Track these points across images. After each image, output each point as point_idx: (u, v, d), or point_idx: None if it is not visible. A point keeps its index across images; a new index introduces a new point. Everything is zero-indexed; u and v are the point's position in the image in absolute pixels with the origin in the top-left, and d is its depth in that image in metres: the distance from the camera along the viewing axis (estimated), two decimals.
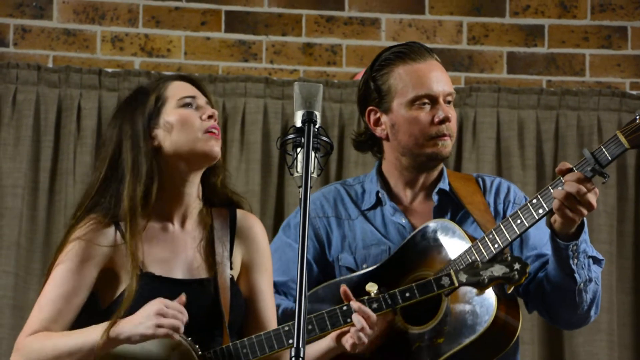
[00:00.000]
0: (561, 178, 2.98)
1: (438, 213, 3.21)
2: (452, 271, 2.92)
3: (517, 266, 2.90)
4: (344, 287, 2.94)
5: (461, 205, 3.20)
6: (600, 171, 2.95)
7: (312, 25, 5.13)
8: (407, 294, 2.91)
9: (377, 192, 3.25)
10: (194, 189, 2.97)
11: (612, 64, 5.16)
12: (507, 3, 5.19)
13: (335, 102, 5.02)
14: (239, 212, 3.02)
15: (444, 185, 3.24)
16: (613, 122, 5.04)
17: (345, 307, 2.90)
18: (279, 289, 3.19)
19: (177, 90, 2.98)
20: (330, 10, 5.15)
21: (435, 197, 3.23)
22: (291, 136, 2.61)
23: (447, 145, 3.20)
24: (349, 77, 5.09)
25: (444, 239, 3.09)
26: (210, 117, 2.93)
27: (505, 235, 3.02)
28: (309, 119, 2.60)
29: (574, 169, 2.97)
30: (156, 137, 2.93)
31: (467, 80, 5.13)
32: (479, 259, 3.00)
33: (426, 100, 3.20)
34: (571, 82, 5.14)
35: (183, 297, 2.78)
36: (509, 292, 2.96)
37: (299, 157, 2.58)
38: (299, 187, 2.55)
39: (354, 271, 3.18)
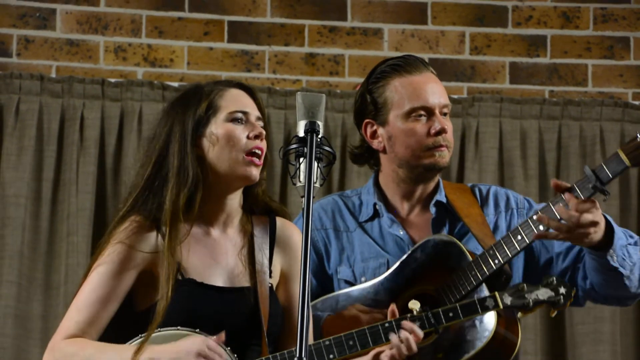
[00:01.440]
0: (562, 195, 2.97)
1: (435, 225, 3.21)
2: (497, 293, 2.90)
3: (562, 290, 2.90)
4: (392, 307, 2.93)
5: (459, 218, 3.20)
6: (602, 189, 2.94)
7: (315, 36, 5.14)
8: (451, 314, 2.89)
9: (375, 204, 3.25)
10: (236, 199, 2.94)
11: (614, 75, 5.16)
12: (509, 13, 5.19)
13: (338, 112, 5.02)
14: (278, 220, 3.00)
15: (440, 197, 3.24)
16: (615, 132, 5.04)
17: (387, 324, 2.88)
18: None
19: (231, 101, 2.93)
20: (332, 21, 5.15)
21: (432, 209, 3.23)
22: (294, 146, 2.61)
23: (444, 156, 3.20)
24: (351, 87, 5.10)
25: (444, 255, 3.09)
26: (257, 136, 2.89)
27: (505, 251, 3.01)
28: (311, 128, 2.60)
29: (575, 186, 2.97)
30: (201, 145, 2.88)
31: (470, 91, 5.13)
32: (478, 274, 3.00)
33: (422, 112, 3.20)
34: (574, 93, 5.15)
35: (222, 335, 2.74)
36: (552, 315, 2.96)
37: (302, 166, 2.58)
38: (302, 196, 2.55)
39: (352, 284, 3.17)
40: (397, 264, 3.13)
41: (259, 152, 2.89)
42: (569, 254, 3.17)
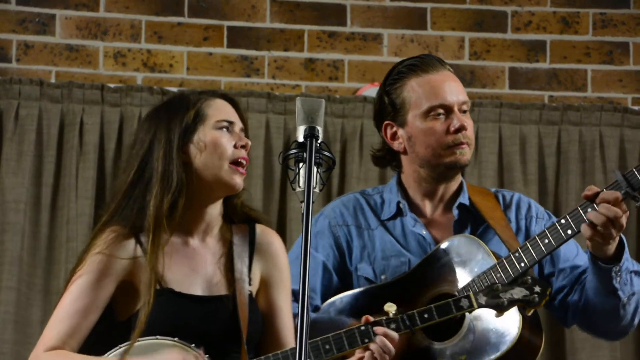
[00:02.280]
0: (594, 203, 2.94)
1: (458, 227, 3.20)
2: (471, 293, 2.90)
3: (537, 289, 2.88)
4: (366, 316, 2.92)
5: (482, 219, 3.19)
6: (633, 194, 2.91)
7: (314, 41, 5.14)
8: (426, 315, 2.90)
9: (398, 203, 3.24)
10: (217, 207, 2.96)
11: (613, 80, 5.16)
12: (508, 18, 5.20)
13: (338, 117, 5.02)
14: (258, 227, 3.01)
15: (464, 199, 3.23)
16: (615, 137, 5.04)
17: (363, 328, 2.88)
18: (297, 297, 3.17)
19: (218, 110, 2.96)
20: (332, 26, 5.15)
21: (455, 212, 3.22)
22: (293, 151, 2.61)
23: (465, 153, 3.19)
24: (351, 93, 5.10)
25: (467, 256, 3.08)
26: (243, 146, 2.92)
27: (532, 254, 2.99)
28: (311, 134, 2.60)
29: (605, 190, 2.95)
30: (188, 152, 2.91)
31: (469, 96, 5.05)
32: (504, 277, 2.99)
33: (441, 111, 3.20)
34: (573, 98, 5.15)
35: (202, 352, 2.76)
36: (528, 314, 2.94)
37: (301, 172, 2.58)
38: (301, 202, 2.55)
39: (372, 282, 3.17)
40: (419, 262, 3.13)
41: (244, 162, 2.93)
42: (571, 273, 3.16)
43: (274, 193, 4.95)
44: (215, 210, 2.95)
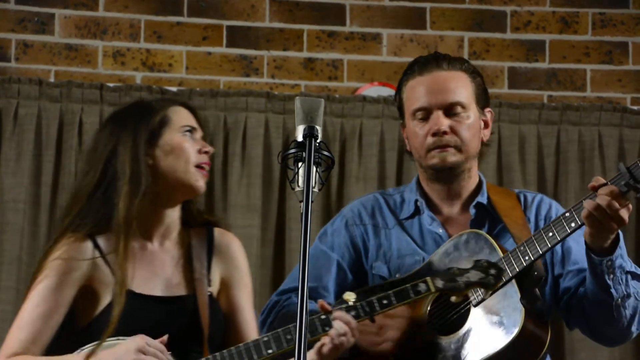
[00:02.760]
0: (595, 193, 2.96)
1: (474, 225, 3.20)
2: (428, 278, 2.92)
3: (492, 271, 2.92)
4: (320, 302, 2.94)
5: (499, 219, 3.19)
6: (635, 186, 2.91)
7: (314, 40, 5.14)
8: (385, 301, 2.91)
9: (416, 201, 3.26)
10: (176, 211, 3.02)
11: (613, 80, 5.16)
12: (508, 18, 5.20)
13: (337, 117, 5.02)
14: (216, 230, 3.07)
15: (482, 198, 3.24)
16: (614, 137, 5.04)
17: (323, 316, 2.89)
18: (310, 294, 3.17)
19: (182, 116, 3.02)
20: (331, 25, 5.15)
21: (472, 211, 3.22)
22: (292, 151, 2.61)
23: (447, 156, 3.18)
24: (350, 92, 5.10)
25: (475, 250, 3.09)
26: (206, 152, 2.99)
27: (536, 247, 3.00)
28: (310, 133, 2.61)
29: (609, 183, 2.95)
30: (153, 155, 2.96)
31: None
32: (509, 271, 3.00)
33: (422, 113, 3.21)
34: (572, 97, 5.15)
35: (165, 338, 2.78)
36: (487, 297, 2.95)
37: (300, 171, 2.59)
38: (300, 201, 2.55)
39: (386, 280, 3.19)
40: (428, 260, 3.14)
41: (207, 167, 3.00)
42: (577, 275, 3.16)
43: (273, 192, 4.95)
44: (174, 214, 3.01)
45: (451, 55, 3.31)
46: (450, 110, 3.20)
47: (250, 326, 3.01)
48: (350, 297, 2.92)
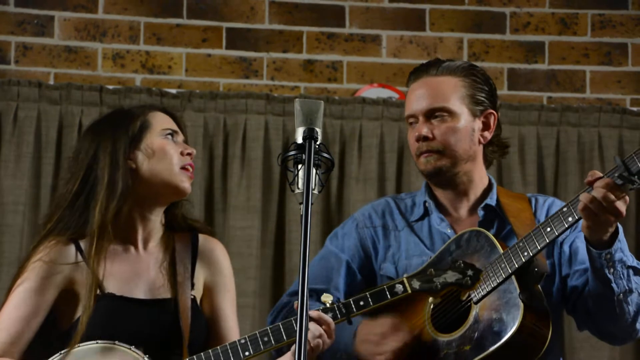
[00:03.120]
0: (590, 188, 2.97)
1: (482, 227, 3.21)
2: (404, 278, 2.92)
3: (469, 272, 2.92)
4: (295, 303, 2.94)
5: (508, 222, 3.20)
6: (630, 179, 2.92)
7: (313, 42, 5.14)
8: (361, 302, 2.91)
9: (425, 202, 3.28)
10: (158, 216, 3.02)
11: (612, 81, 5.17)
12: (507, 20, 5.20)
13: (336, 119, 5.02)
14: (201, 236, 3.08)
15: (491, 200, 3.25)
16: (614, 138, 5.04)
17: None
18: (314, 296, 3.20)
19: (162, 120, 3.04)
20: (331, 27, 5.16)
21: (480, 212, 3.24)
22: (292, 153, 2.61)
23: (430, 161, 3.22)
24: (349, 94, 5.10)
25: (475, 248, 3.10)
26: (189, 154, 3.01)
27: (535, 243, 3.01)
28: (309, 135, 2.61)
29: (605, 176, 2.96)
30: (135, 159, 2.97)
31: None
32: (508, 267, 3.00)
33: (411, 120, 3.27)
34: (572, 99, 5.15)
35: (142, 352, 2.80)
36: (463, 298, 2.96)
37: (300, 173, 2.59)
38: (300, 203, 2.56)
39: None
40: (433, 256, 3.15)
41: (190, 168, 3.01)
42: (584, 274, 3.16)
43: (272, 194, 4.95)
44: (157, 218, 3.02)
45: (452, 60, 3.32)
46: (432, 115, 3.23)
47: (232, 332, 3.01)
48: (327, 298, 2.92)
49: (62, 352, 2.82)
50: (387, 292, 2.92)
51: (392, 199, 3.37)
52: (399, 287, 2.91)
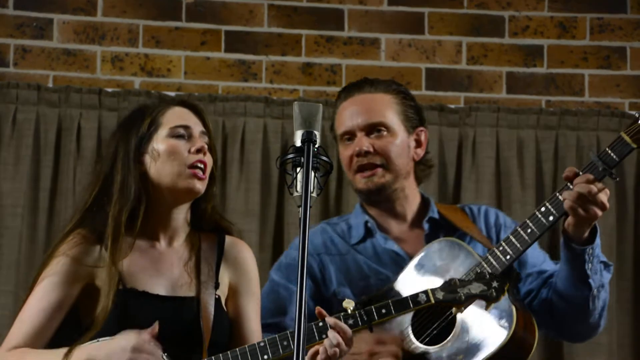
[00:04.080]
0: (568, 184, 2.99)
1: (429, 240, 3.21)
2: (429, 289, 2.90)
3: (495, 284, 2.88)
4: (318, 308, 2.93)
5: (456, 228, 3.20)
6: (610, 172, 2.96)
7: (312, 45, 5.14)
8: (384, 310, 2.90)
9: (366, 222, 3.26)
10: (181, 214, 3.01)
11: (611, 85, 5.17)
12: (506, 23, 5.20)
13: None
14: (228, 237, 3.06)
15: (433, 214, 3.26)
16: None
17: (321, 324, 2.88)
18: (272, 330, 3.17)
19: (173, 117, 3.01)
20: (330, 30, 5.16)
21: (425, 225, 3.24)
22: (291, 156, 2.61)
23: (373, 180, 3.22)
24: None
25: (449, 258, 3.09)
26: (199, 150, 2.96)
27: (516, 245, 3.01)
28: (308, 138, 2.61)
29: (581, 173, 2.98)
30: (144, 162, 2.96)
31: (467, 100, 5.14)
32: (490, 272, 3.00)
33: (348, 136, 3.27)
34: (570, 102, 5.15)
35: (156, 327, 2.80)
36: (488, 310, 2.95)
37: (299, 176, 2.59)
38: (299, 206, 2.56)
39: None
40: (400, 275, 3.13)
41: (202, 165, 2.96)
42: (538, 277, 3.18)
43: (271, 197, 4.95)
44: (180, 216, 3.00)
45: (380, 79, 3.34)
46: (372, 130, 3.24)
47: (254, 335, 2.99)
48: (349, 304, 2.90)
49: (82, 345, 2.81)
50: (410, 302, 2.90)
51: (327, 224, 3.36)
52: (422, 297, 2.89)
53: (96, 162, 3.07)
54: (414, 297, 2.90)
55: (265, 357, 2.85)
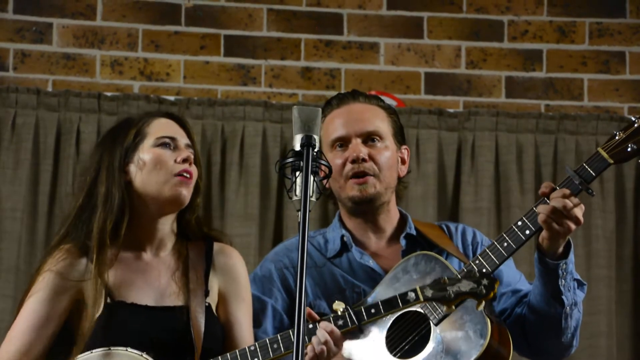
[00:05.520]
0: (545, 199, 2.99)
1: (406, 255, 3.20)
2: (417, 287, 2.89)
3: (485, 282, 2.86)
4: (309, 310, 2.92)
5: (433, 244, 3.20)
6: (586, 187, 2.98)
7: (311, 50, 5.15)
8: (373, 310, 2.89)
9: (342, 236, 3.25)
10: (167, 225, 3.00)
11: (610, 89, 5.17)
12: (505, 28, 5.20)
13: None
14: (216, 244, 3.05)
15: (410, 230, 3.25)
16: None
17: (311, 326, 2.88)
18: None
19: (159, 128, 3.00)
20: (329, 35, 5.16)
21: (403, 242, 3.23)
22: (290, 160, 2.61)
23: (367, 187, 3.19)
24: None
25: (426, 270, 3.08)
26: (185, 160, 2.95)
27: (492, 259, 3.01)
28: (307, 142, 2.61)
29: (559, 188, 2.99)
30: (129, 171, 2.95)
31: (466, 104, 5.14)
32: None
33: (341, 142, 3.23)
34: (569, 107, 5.15)
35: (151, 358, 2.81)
36: (479, 309, 2.92)
37: (298, 180, 2.59)
38: (298, 210, 2.55)
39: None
40: (377, 286, 3.12)
41: (187, 175, 2.95)
42: (512, 296, 3.18)
43: (270, 201, 4.95)
44: (166, 226, 2.99)
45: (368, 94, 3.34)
46: (368, 139, 3.23)
47: (246, 341, 2.98)
48: (339, 306, 2.90)
49: None
50: (399, 300, 2.89)
51: None
52: (412, 295, 2.88)
53: (82, 173, 3.04)
54: (403, 295, 2.89)
55: (257, 359, 2.85)
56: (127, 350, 2.81)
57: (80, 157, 4.90)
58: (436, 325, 3.00)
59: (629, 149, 3.00)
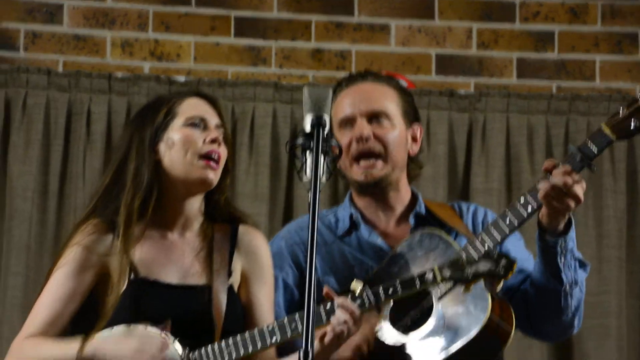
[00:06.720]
0: (549, 174, 2.99)
1: None
2: (435, 267, 2.89)
3: (503, 262, 2.86)
4: (326, 288, 2.93)
5: (443, 224, 3.20)
6: (589, 163, 2.97)
7: (322, 31, 5.14)
8: (390, 290, 2.89)
9: (351, 215, 3.25)
10: (195, 205, 3.01)
11: (622, 70, 5.15)
12: (517, 9, 5.19)
13: None
14: (241, 227, 3.06)
15: (420, 209, 3.25)
16: None
17: (328, 306, 2.88)
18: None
19: (189, 108, 3.01)
20: (339, 16, 5.15)
21: (412, 220, 3.23)
22: (300, 140, 2.61)
23: (374, 172, 3.19)
24: None
25: (430, 247, 3.09)
26: (213, 141, 2.96)
27: (494, 235, 3.01)
28: (318, 123, 2.61)
29: (561, 164, 2.98)
30: (159, 151, 2.97)
31: (477, 86, 5.13)
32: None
33: (348, 122, 3.23)
34: (581, 88, 5.14)
35: (168, 325, 2.82)
36: (498, 289, 2.92)
37: (308, 161, 2.58)
38: (308, 190, 2.55)
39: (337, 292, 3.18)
40: (384, 262, 3.13)
41: (215, 156, 2.95)
42: (517, 275, 3.16)
43: (280, 182, 4.95)
44: (194, 206, 3.00)
45: (381, 74, 3.33)
46: (373, 118, 3.22)
47: (266, 322, 2.98)
48: (357, 286, 2.90)
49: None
50: (417, 281, 2.90)
51: None
52: (429, 276, 2.88)
53: (112, 152, 3.06)
54: (421, 275, 2.89)
55: (275, 339, 2.86)
56: (146, 328, 2.83)
57: (90, 137, 4.91)
58: (438, 300, 3.01)
59: (632, 126, 3.00)
